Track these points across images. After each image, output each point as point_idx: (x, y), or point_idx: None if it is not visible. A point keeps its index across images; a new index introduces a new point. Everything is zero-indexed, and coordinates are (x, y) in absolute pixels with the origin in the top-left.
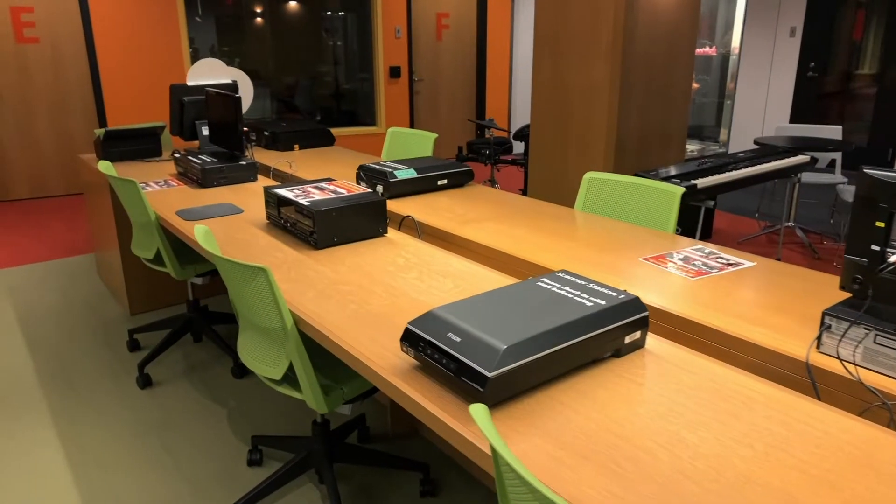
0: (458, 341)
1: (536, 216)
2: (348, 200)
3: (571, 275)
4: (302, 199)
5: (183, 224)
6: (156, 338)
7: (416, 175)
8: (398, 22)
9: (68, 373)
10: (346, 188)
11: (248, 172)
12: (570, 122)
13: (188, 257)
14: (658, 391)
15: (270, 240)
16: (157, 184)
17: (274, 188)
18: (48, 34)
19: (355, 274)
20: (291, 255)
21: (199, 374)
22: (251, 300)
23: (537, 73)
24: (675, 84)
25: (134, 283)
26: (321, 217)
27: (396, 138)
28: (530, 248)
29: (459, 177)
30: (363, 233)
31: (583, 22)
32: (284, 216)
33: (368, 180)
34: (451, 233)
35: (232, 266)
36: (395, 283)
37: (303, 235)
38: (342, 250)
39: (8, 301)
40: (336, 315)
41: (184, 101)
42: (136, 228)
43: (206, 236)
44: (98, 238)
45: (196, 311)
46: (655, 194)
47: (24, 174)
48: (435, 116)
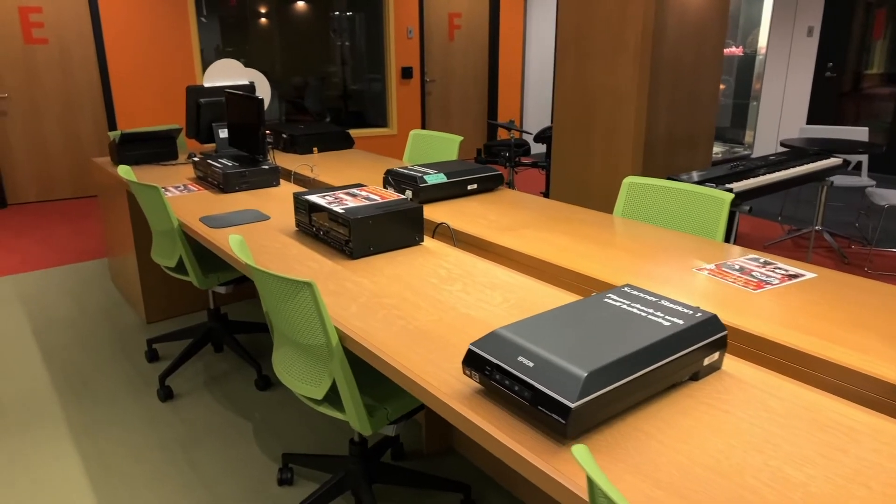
0: (532, 366)
1: (575, 223)
2: (384, 207)
3: (638, 290)
4: (336, 207)
5: (209, 232)
6: (175, 348)
7: (446, 180)
8: (410, 22)
9: (86, 384)
10: (379, 194)
11: (271, 177)
12: (595, 125)
13: (211, 265)
14: (748, 420)
15: (302, 248)
16: (176, 188)
17: (304, 194)
18: (57, 35)
19: (397, 286)
20: (327, 266)
21: (222, 386)
22: (292, 315)
23: (561, 74)
24: (702, 85)
25: (150, 291)
26: (357, 225)
27: (419, 141)
28: (575, 258)
29: (489, 181)
30: (399, 241)
31: (609, 22)
32: (316, 224)
33: (396, 185)
34: (490, 241)
35: (273, 280)
36: (441, 296)
37: (336, 244)
38: (379, 260)
39: (21, 309)
40: (384, 332)
41: (200, 102)
42: (156, 235)
43: (242, 247)
44: (112, 243)
45: (217, 320)
46: (702, 200)
47: (33, 177)
48: (446, 118)
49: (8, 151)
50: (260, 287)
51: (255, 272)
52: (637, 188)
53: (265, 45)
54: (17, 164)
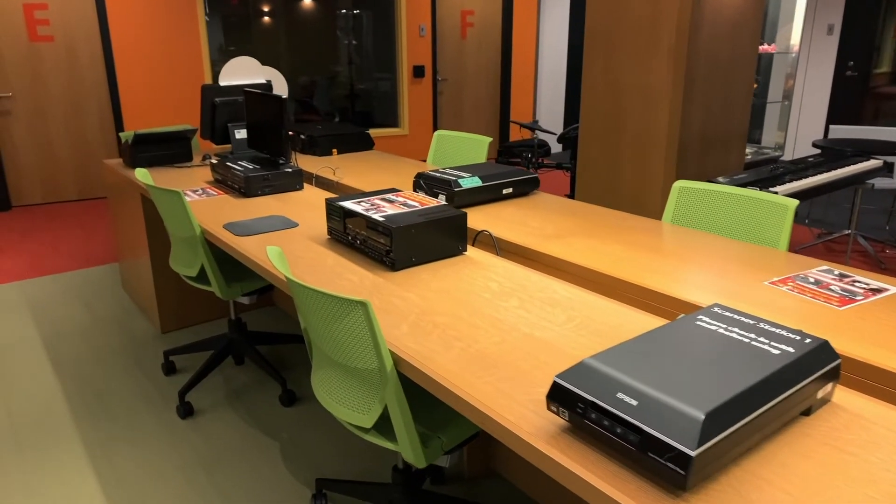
0: (635, 405)
1: (624, 230)
2: (426, 215)
3: (728, 310)
4: (374, 214)
5: (235, 240)
6: (192, 360)
7: (482, 184)
8: (422, 20)
9: (100, 398)
10: (417, 200)
11: (294, 180)
12: (624, 125)
13: (233, 273)
14: (879, 464)
15: (338, 259)
16: (194, 192)
17: (338, 200)
18: (63, 32)
19: (448, 302)
20: (367, 279)
21: (244, 402)
22: (341, 337)
23: (588, 72)
24: (736, 84)
25: (165, 299)
26: (400, 235)
27: (444, 142)
28: (633, 269)
29: (525, 185)
30: (442, 251)
31: (641, 18)
32: (352, 232)
33: (428, 189)
34: (536, 250)
35: (321, 298)
36: (498, 314)
37: (375, 254)
38: (422, 272)
39: (29, 317)
40: (442, 355)
41: (216, 102)
42: (175, 243)
43: (281, 259)
44: (123, 248)
45: (238, 332)
46: (762, 206)
47: (38, 178)
48: (458, 117)
49: (12, 152)
50: (301, 304)
51: (298, 289)
52: (688, 193)
53: (271, 43)
54: (21, 165)
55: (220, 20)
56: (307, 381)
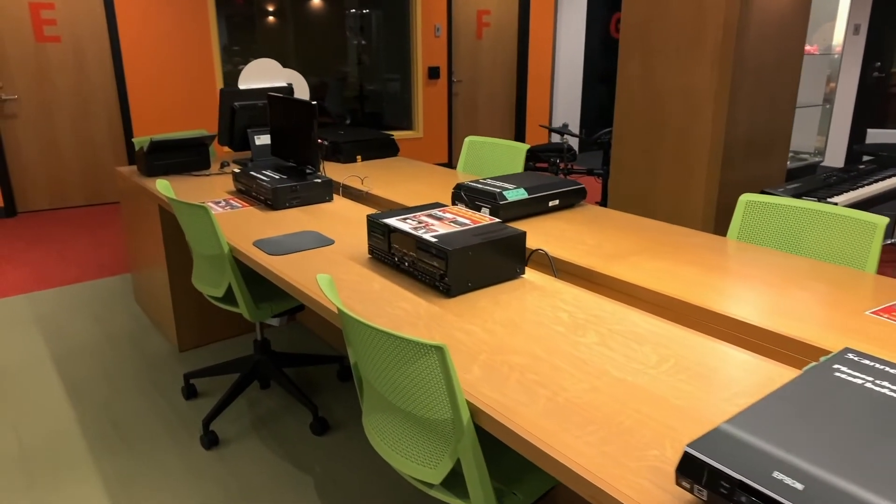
0: (802, 490)
1: (690, 248)
2: (482, 234)
3: (864, 356)
4: (425, 234)
5: (268, 260)
6: (214, 382)
7: (528, 196)
8: (438, 19)
9: (117, 426)
10: (467, 216)
11: (324, 191)
12: (663, 129)
13: (261, 293)
14: None
15: (383, 282)
16: (217, 204)
17: (381, 217)
18: (70, 33)
19: (519, 337)
20: (422, 307)
21: (272, 430)
22: (408, 382)
23: (623, 73)
24: (782, 87)
25: (183, 316)
26: (456, 258)
27: (476, 149)
28: (713, 296)
29: (572, 196)
30: (500, 275)
31: (683, 18)
32: (398, 252)
33: (470, 202)
34: (601, 272)
35: (387, 339)
36: (578, 352)
37: (426, 278)
38: (480, 298)
39: (38, 334)
40: (528, 407)
41: (235, 106)
42: (199, 260)
43: (332, 288)
44: (137, 259)
45: (265, 353)
46: (844, 224)
47: (43, 183)
48: (473, 120)
49: (18, 156)
50: (355, 339)
51: (358, 327)
52: (756, 207)
53: (279, 44)
54: (27, 170)
55: (224, 20)
56: (338, 406)
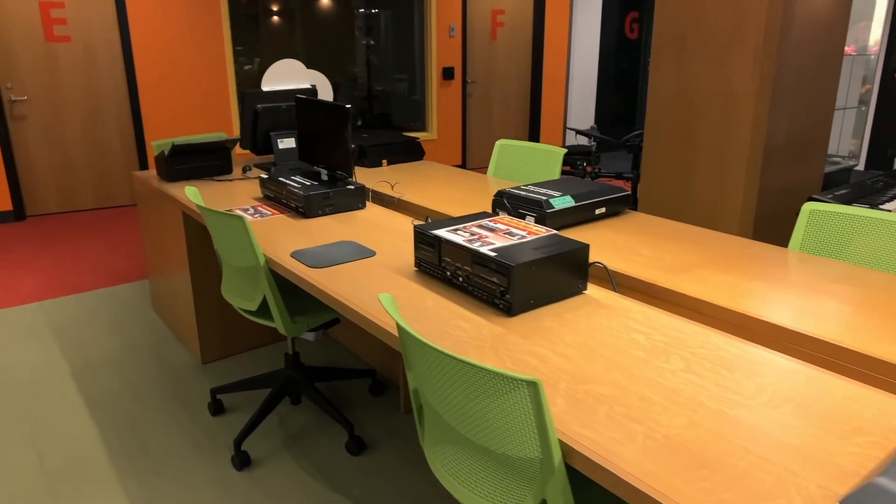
0: None
1: (753, 260)
2: (544, 248)
3: None
4: (481, 247)
5: (309, 273)
6: (241, 397)
7: (574, 203)
8: (453, 19)
9: (143, 445)
10: (520, 227)
11: (357, 198)
12: (698, 133)
13: (294, 304)
14: None
15: (436, 299)
16: (245, 211)
17: (429, 228)
18: (81, 32)
19: (597, 363)
20: (484, 328)
21: (306, 449)
22: (490, 417)
23: (656, 75)
24: (822, 89)
25: (207, 327)
26: (520, 274)
27: (508, 153)
28: (793, 314)
29: (617, 203)
30: (563, 291)
31: (722, 18)
32: (450, 266)
33: (514, 210)
34: (663, 286)
35: (474, 372)
36: (665, 380)
37: (483, 295)
38: (544, 317)
39: (55, 344)
40: (625, 446)
41: (258, 109)
42: (230, 272)
43: (395, 309)
44: (156, 266)
45: (296, 368)
46: None
47: (54, 186)
48: (487, 121)
49: (27, 158)
50: (419, 363)
51: (430, 353)
52: (821, 217)
53: (287, 44)
54: (36, 173)
55: (233, 20)
56: (372, 423)
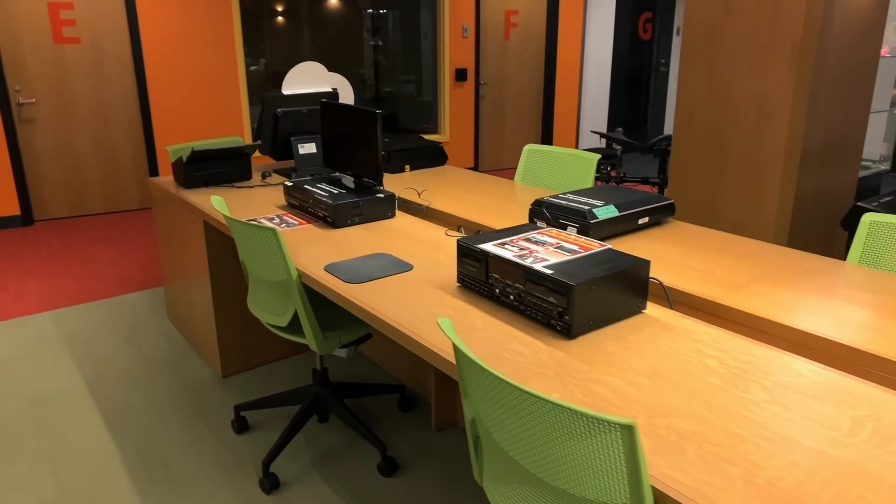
0: None
1: (812, 275)
2: (603, 264)
3: None
4: (534, 263)
5: (346, 289)
6: (266, 415)
7: (618, 213)
8: (466, 20)
9: (166, 466)
10: (570, 241)
11: (386, 207)
12: (730, 137)
13: (324, 319)
14: None
15: (487, 319)
16: (270, 221)
17: (474, 242)
18: (90, 33)
19: (672, 392)
20: (542, 352)
21: (336, 470)
22: (569, 459)
23: (686, 77)
24: (859, 92)
25: (227, 339)
26: (581, 294)
27: (536, 158)
28: (870, 336)
29: (661, 212)
30: (622, 311)
31: (756, 17)
32: (499, 283)
33: (554, 219)
34: (723, 304)
35: (557, 412)
36: (751, 413)
37: (536, 314)
38: (605, 339)
39: (69, 356)
40: (724, 492)
41: (278, 113)
42: (258, 285)
43: (455, 334)
44: (172, 275)
45: (325, 385)
46: None
47: (62, 190)
48: (499, 123)
49: (35, 162)
50: (478, 393)
51: (510, 391)
52: (882, 228)
53: (291, 43)
54: (45, 177)
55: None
56: (403, 442)
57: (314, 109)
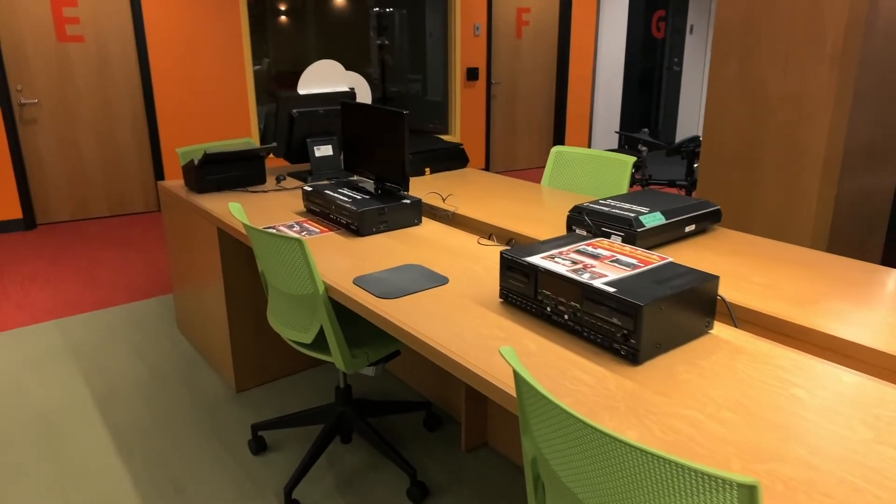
0: None
1: (883, 288)
2: (670, 281)
3: None
4: (592, 279)
5: (378, 304)
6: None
7: (665, 220)
8: (478, 18)
9: (180, 489)
10: (626, 253)
11: (413, 214)
12: (766, 139)
13: (350, 335)
14: None
15: (539, 341)
16: (289, 229)
17: (520, 254)
18: (94, 31)
19: (763, 430)
20: (609, 381)
21: (361, 494)
22: None
23: (717, 76)
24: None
25: (242, 352)
26: (650, 314)
27: (565, 161)
28: None
29: (707, 219)
30: (690, 332)
31: (795, 13)
32: (550, 301)
33: (596, 227)
34: (797, 323)
35: (665, 467)
36: (859, 455)
37: (595, 337)
38: (675, 365)
39: (75, 368)
40: None
41: (293, 114)
42: (278, 297)
43: (519, 363)
44: (183, 284)
45: (348, 404)
46: None
47: (65, 193)
48: (510, 123)
49: (37, 164)
50: (553, 432)
51: (598, 438)
52: None
53: (297, 42)
54: (47, 179)
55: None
56: (432, 464)
57: (331, 110)
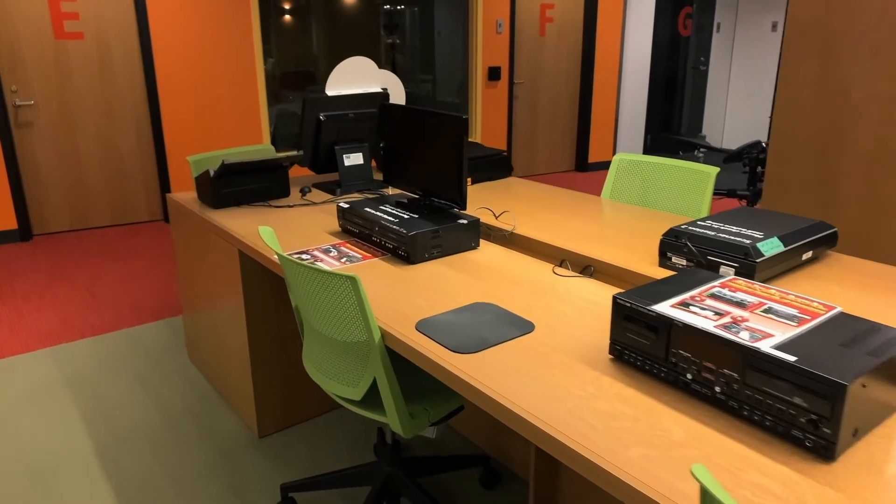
0: None
1: None
2: (859, 344)
3: None
4: (752, 339)
5: (454, 360)
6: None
7: (784, 248)
8: (500, 14)
9: None
10: (775, 300)
11: (470, 236)
12: (848, 144)
13: (407, 387)
14: None
15: (688, 424)
16: (326, 254)
17: (640, 302)
18: (94, 28)
19: None
20: (805, 490)
21: None
22: None
23: (790, 75)
24: None
25: (265, 394)
26: (855, 398)
27: (630, 170)
28: None
29: (824, 243)
30: (886, 408)
31: (884, 8)
32: (691, 367)
33: (701, 255)
34: None
35: None
36: None
37: (761, 418)
38: (875, 456)
39: (73, 407)
40: None
41: (321, 118)
42: (319, 344)
43: (712, 482)
44: (195, 311)
45: (396, 465)
46: None
47: (63, 201)
48: (533, 125)
49: (34, 170)
50: None
51: None
52: None
53: (303, 41)
54: (44, 186)
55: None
56: None
57: (362, 114)
